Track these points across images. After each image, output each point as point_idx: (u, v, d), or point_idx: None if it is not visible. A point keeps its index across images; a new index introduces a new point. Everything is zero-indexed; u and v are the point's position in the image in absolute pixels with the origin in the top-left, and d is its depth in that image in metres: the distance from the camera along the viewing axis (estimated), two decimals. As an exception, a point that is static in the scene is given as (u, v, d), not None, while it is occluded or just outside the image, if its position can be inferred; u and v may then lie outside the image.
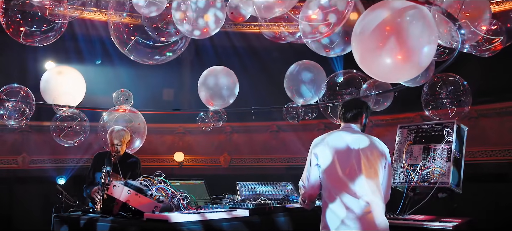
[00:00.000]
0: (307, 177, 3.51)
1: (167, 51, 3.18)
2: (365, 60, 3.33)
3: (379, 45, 3.24)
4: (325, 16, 2.84)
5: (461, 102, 4.81)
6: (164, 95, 14.66)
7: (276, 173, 10.93)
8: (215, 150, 11.69)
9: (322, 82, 6.59)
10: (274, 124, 11.58)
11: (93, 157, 5.33)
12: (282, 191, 4.80)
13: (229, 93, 6.65)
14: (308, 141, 11.44)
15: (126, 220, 3.11)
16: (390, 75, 3.32)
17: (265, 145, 11.63)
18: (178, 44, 3.21)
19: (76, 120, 6.66)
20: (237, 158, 11.66)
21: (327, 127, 11.20)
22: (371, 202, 3.28)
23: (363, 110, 3.62)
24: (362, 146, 3.42)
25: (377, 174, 3.37)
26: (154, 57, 3.25)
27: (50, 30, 3.59)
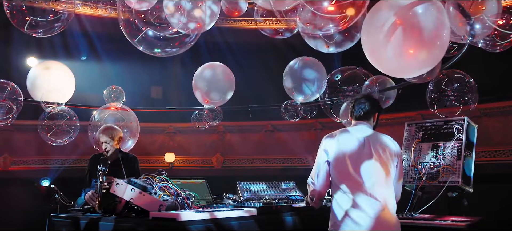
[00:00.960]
0: (317, 174, 3.55)
1: (178, 43, 3.20)
2: (376, 53, 3.38)
3: (390, 38, 3.29)
4: (343, 8, 2.88)
5: (467, 100, 4.88)
6: (152, 93, 14.64)
7: (271, 174, 10.97)
8: (208, 150, 11.70)
9: (323, 79, 6.64)
10: (269, 123, 11.61)
11: (89, 159, 5.33)
12: (285, 191, 4.84)
13: (227, 88, 6.68)
14: (304, 141, 11.53)
15: (131, 219, 3.12)
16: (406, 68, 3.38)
17: (260, 145, 11.66)
18: (190, 37, 3.23)
19: (65, 118, 6.64)
20: (230, 158, 11.68)
21: (324, 127, 11.27)
22: (384, 201, 3.32)
23: (376, 107, 3.67)
24: (374, 144, 3.46)
25: (390, 173, 3.42)
26: (165, 49, 3.25)
27: (56, 20, 3.58)
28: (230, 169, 11.47)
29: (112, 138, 4.94)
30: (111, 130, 5.00)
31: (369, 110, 3.66)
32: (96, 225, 3.18)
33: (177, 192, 3.40)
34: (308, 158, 11.44)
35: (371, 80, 6.28)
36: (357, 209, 3.34)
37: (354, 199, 3.36)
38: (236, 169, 11.33)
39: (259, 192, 4.68)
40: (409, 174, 4.18)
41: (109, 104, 6.97)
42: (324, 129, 11.28)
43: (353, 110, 3.70)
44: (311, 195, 3.62)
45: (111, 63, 12.85)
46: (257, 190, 4.75)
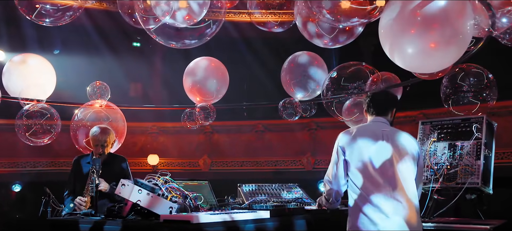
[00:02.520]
0: (334, 173, 3.60)
1: (198, 34, 3.22)
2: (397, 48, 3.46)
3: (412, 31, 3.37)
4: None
5: (485, 96, 4.98)
6: (131, 90, 14.56)
7: (262, 177, 11.00)
8: (194, 152, 11.69)
9: (324, 74, 6.71)
10: (259, 123, 11.65)
11: (72, 161, 5.33)
12: (291, 193, 4.89)
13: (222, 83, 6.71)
14: (298, 142, 11.60)
15: (140, 222, 3.12)
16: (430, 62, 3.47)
17: (250, 147, 11.69)
18: (210, 28, 3.24)
19: (46, 116, 6.58)
20: (218, 161, 11.69)
21: (319, 127, 11.37)
22: (404, 201, 3.39)
23: (394, 102, 3.75)
24: (393, 141, 3.53)
25: (411, 171, 3.49)
26: (182, 40, 3.27)
27: (67, 9, 3.56)
28: (218, 172, 11.47)
29: (108, 141, 5.00)
30: (107, 132, 5.07)
31: (386, 105, 3.74)
32: (100, 230, 3.17)
33: (185, 193, 3.42)
34: (302, 160, 11.53)
35: (376, 76, 6.37)
36: (377, 209, 3.39)
37: (373, 199, 3.41)
38: (225, 173, 11.34)
39: (270, 194, 4.72)
40: (425, 175, 4.26)
41: (93, 101, 6.92)
42: (320, 129, 11.38)
43: (370, 106, 3.76)
44: (327, 195, 3.67)
45: (86, 57, 12.76)
46: (262, 192, 4.78)
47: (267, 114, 10.91)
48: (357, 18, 3.10)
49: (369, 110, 3.77)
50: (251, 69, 11.19)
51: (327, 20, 3.17)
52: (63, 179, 11.22)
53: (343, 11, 2.97)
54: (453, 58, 3.46)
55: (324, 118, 9.10)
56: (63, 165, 11.63)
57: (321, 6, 3.04)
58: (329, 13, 3.07)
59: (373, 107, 3.74)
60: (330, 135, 11.92)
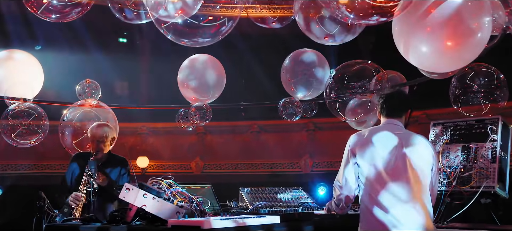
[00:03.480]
0: (345, 177, 3.63)
1: (212, 32, 3.22)
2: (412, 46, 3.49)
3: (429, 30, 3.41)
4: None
5: (496, 97, 5.04)
6: (116, 88, 14.52)
7: (257, 181, 11.03)
8: (186, 154, 11.69)
9: (326, 73, 6.75)
10: (254, 123, 11.69)
11: (72, 158, 5.29)
12: (296, 197, 4.92)
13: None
14: (295, 143, 11.64)
15: (146, 228, 3.13)
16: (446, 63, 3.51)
17: (245, 148, 11.71)
18: (225, 26, 3.25)
19: (33, 116, 6.54)
20: (211, 163, 11.70)
21: (317, 127, 11.43)
22: (420, 207, 3.43)
23: (408, 103, 3.79)
24: (408, 144, 3.56)
25: (426, 176, 3.53)
26: (194, 38, 3.28)
27: (75, 5, 3.56)
28: (211, 175, 11.49)
29: (106, 137, 4.96)
30: (105, 128, 5.02)
31: (400, 107, 3.78)
32: (103, 237, 3.18)
33: (191, 198, 3.43)
34: (300, 163, 11.57)
35: (381, 75, 6.42)
36: (389, 215, 3.42)
37: (385, 205, 3.45)
38: (218, 176, 11.36)
39: (269, 199, 4.74)
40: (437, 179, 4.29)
41: (83, 100, 6.90)
42: (318, 130, 11.43)
43: (384, 107, 3.79)
44: (337, 201, 3.69)
45: (69, 54, 12.72)
46: (265, 196, 4.81)
47: (262, 114, 10.93)
48: (377, 16, 3.13)
49: (382, 111, 3.80)
50: (248, 66, 11.22)
51: (346, 17, 3.20)
52: (47, 183, 11.21)
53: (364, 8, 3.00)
54: (471, 57, 3.51)
55: (323, 118, 9.15)
56: (47, 168, 11.59)
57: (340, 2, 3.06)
58: (349, 11, 3.09)
59: (387, 108, 3.77)
60: (329, 136, 12.04)
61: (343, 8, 3.08)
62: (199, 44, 3.44)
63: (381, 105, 3.79)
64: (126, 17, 4.70)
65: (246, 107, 9.63)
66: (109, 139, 5.01)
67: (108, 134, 5.00)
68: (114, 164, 5.06)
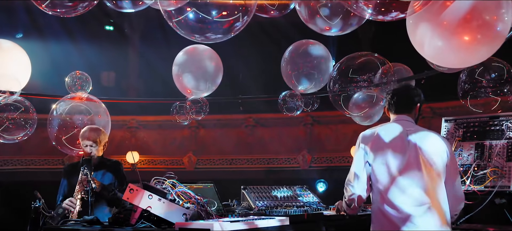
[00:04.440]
0: (356, 176, 3.65)
1: (224, 27, 3.22)
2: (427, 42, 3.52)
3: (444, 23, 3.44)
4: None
5: (506, 92, 5.08)
6: (103, 79, 14.45)
7: (253, 177, 11.07)
8: (177, 149, 11.69)
9: (329, 64, 6.78)
10: (250, 117, 11.70)
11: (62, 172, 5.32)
12: (301, 196, 4.94)
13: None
14: (293, 137, 11.65)
15: (151, 230, 3.14)
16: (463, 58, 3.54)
17: (240, 143, 11.73)
18: (240, 21, 3.24)
19: (20, 110, 6.51)
20: (204, 159, 11.71)
21: (316, 121, 11.46)
22: (434, 207, 3.46)
23: (419, 98, 3.80)
24: (420, 141, 3.58)
25: (440, 174, 3.56)
26: (206, 34, 3.27)
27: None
28: (204, 171, 11.50)
29: (99, 142, 4.98)
30: (98, 133, 5.04)
31: (410, 102, 3.80)
32: (107, 240, 3.18)
33: (197, 198, 3.44)
34: (297, 158, 11.60)
35: (386, 67, 6.43)
36: (403, 215, 3.47)
37: (399, 205, 3.48)
38: (212, 172, 11.38)
39: (273, 199, 4.76)
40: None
41: (73, 93, 6.87)
42: (316, 124, 11.46)
43: (393, 102, 3.81)
44: (348, 201, 3.70)
45: (53, 43, 12.64)
46: (268, 195, 4.82)
47: (258, 106, 10.94)
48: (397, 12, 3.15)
49: (391, 108, 3.82)
50: (244, 58, 11.21)
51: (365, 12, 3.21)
52: (31, 179, 11.16)
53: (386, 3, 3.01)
54: (490, 52, 3.54)
55: (322, 112, 9.17)
56: (31, 163, 11.55)
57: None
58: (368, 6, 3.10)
59: (396, 104, 3.79)
60: (328, 131, 12.10)
61: (361, 3, 3.10)
62: (211, 41, 3.44)
63: (389, 102, 3.81)
64: (117, 4, 4.66)
65: (242, 100, 9.60)
66: (101, 144, 5.04)
67: (101, 139, 5.04)
68: (107, 168, 5.07)
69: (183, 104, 7.29)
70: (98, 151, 5.04)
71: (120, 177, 5.07)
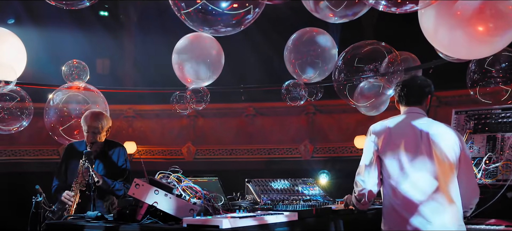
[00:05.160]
0: (367, 170, 3.66)
1: (234, 20, 3.21)
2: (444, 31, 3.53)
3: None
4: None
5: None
6: (97, 67, 14.40)
7: (254, 168, 11.09)
8: (176, 139, 11.69)
9: (333, 53, 6.79)
10: (250, 106, 11.69)
11: (64, 148, 5.28)
12: (307, 189, 4.97)
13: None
14: (294, 127, 11.65)
15: (160, 227, 3.15)
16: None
17: (240, 133, 11.74)
18: (251, 14, 3.23)
19: (16, 99, 6.51)
20: (203, 149, 11.71)
21: (317, 110, 11.47)
22: (447, 202, 3.48)
23: (429, 89, 3.81)
24: (432, 133, 3.60)
25: (453, 168, 3.57)
26: (215, 27, 3.26)
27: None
28: (204, 161, 11.51)
29: (101, 128, 4.94)
30: (100, 118, 4.98)
31: (420, 93, 3.80)
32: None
33: (204, 193, 3.46)
34: (299, 148, 11.62)
35: (393, 56, 6.44)
36: (415, 211, 3.49)
37: (411, 200, 3.51)
38: (211, 162, 11.39)
39: (279, 192, 4.78)
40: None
41: (70, 83, 6.87)
42: (319, 113, 11.47)
43: (403, 94, 3.82)
44: (358, 196, 3.72)
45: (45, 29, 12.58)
46: (273, 189, 4.84)
47: (259, 95, 10.95)
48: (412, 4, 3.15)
49: (401, 100, 3.83)
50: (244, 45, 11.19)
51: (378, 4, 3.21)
52: (23, 170, 11.16)
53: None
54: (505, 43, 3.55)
55: (324, 101, 9.17)
56: (25, 154, 11.54)
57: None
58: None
59: (406, 96, 3.80)
60: (330, 120, 12.11)
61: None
62: (220, 34, 3.44)
63: (399, 94, 3.81)
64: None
65: (243, 89, 9.58)
66: (105, 130, 4.99)
67: (104, 124, 4.99)
68: (111, 153, 5.05)
69: (183, 93, 7.30)
70: (101, 137, 5.00)
71: (123, 167, 5.06)
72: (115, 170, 4.98)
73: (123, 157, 5.14)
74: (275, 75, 9.79)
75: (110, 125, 5.10)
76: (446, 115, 5.86)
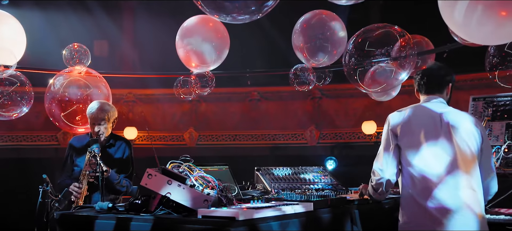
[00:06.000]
0: (385, 160, 3.68)
1: (254, 7, 3.19)
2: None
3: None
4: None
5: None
6: (95, 48, 14.34)
7: (258, 154, 11.11)
8: (178, 124, 11.70)
9: (343, 36, 6.77)
10: (254, 90, 11.69)
11: (68, 143, 5.29)
12: (318, 178, 4.98)
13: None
14: (299, 112, 11.65)
15: (174, 219, 3.15)
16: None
17: (244, 118, 11.74)
18: (270, 1, 3.21)
19: (15, 84, 6.51)
20: (206, 135, 11.71)
21: (324, 95, 11.47)
22: (470, 192, 3.50)
23: (450, 78, 3.82)
24: (453, 123, 3.61)
25: (474, 157, 3.59)
26: (233, 14, 3.24)
27: None
28: (206, 147, 11.53)
29: (108, 119, 4.94)
30: (106, 110, 4.96)
31: (441, 81, 3.82)
32: (124, 228, 3.18)
33: (218, 183, 3.46)
34: (305, 134, 11.62)
35: (405, 39, 6.42)
36: (437, 201, 3.50)
37: (431, 190, 3.52)
38: (214, 148, 11.40)
39: (289, 180, 4.79)
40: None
41: (70, 68, 6.87)
42: (325, 97, 11.47)
43: (423, 83, 3.84)
44: (376, 185, 3.74)
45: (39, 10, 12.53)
46: (284, 177, 4.86)
47: (263, 79, 10.95)
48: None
49: (420, 89, 3.85)
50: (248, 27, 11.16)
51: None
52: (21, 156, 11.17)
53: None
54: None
55: (331, 85, 9.18)
56: (23, 139, 11.55)
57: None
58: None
59: (426, 85, 3.82)
60: (337, 105, 12.11)
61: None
62: (237, 21, 3.41)
63: (419, 83, 3.83)
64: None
65: (249, 74, 9.56)
66: (111, 121, 4.97)
67: (110, 115, 4.96)
68: (116, 147, 5.06)
69: (187, 78, 7.29)
70: (107, 129, 4.99)
71: (127, 160, 5.06)
72: (120, 165, 4.97)
73: (128, 152, 5.13)
74: (280, 58, 9.78)
75: (116, 115, 5.08)
76: (457, 100, 5.86)
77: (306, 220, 3.40)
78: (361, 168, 8.70)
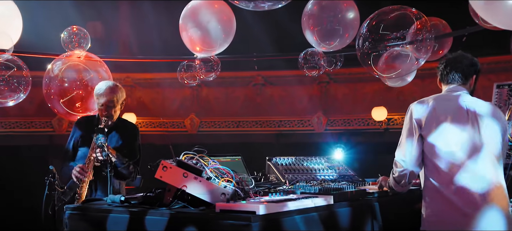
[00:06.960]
0: (409, 150, 3.69)
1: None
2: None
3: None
4: None
5: None
6: (88, 29, 14.24)
7: (263, 141, 11.12)
8: (178, 110, 11.68)
9: (356, 19, 6.76)
10: (258, 74, 11.67)
11: (74, 123, 5.23)
12: (333, 169, 4.98)
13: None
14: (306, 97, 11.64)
15: (190, 213, 3.15)
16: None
17: (248, 103, 11.73)
18: None
19: (12, 69, 6.50)
20: (208, 121, 11.71)
21: (331, 79, 11.47)
22: (495, 184, 3.52)
23: (475, 68, 3.83)
24: (477, 113, 3.63)
25: (498, 148, 3.61)
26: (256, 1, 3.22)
27: None
28: (208, 134, 11.53)
29: (117, 101, 4.87)
30: (116, 90, 4.89)
31: (466, 71, 3.82)
32: (140, 223, 3.19)
33: (234, 175, 3.46)
34: (311, 120, 11.62)
35: (422, 22, 6.40)
36: (463, 192, 3.53)
37: (457, 182, 3.54)
38: (217, 135, 11.40)
39: (303, 171, 4.80)
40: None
41: (69, 51, 6.85)
42: (333, 82, 11.46)
43: (445, 73, 3.84)
44: (398, 177, 3.76)
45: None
46: (298, 168, 4.86)
47: (268, 63, 10.91)
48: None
49: (443, 78, 3.85)
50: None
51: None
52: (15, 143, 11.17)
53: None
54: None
55: (339, 68, 9.19)
56: (16, 126, 11.54)
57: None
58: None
59: (449, 75, 3.82)
60: (345, 90, 12.10)
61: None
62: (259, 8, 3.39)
63: (442, 72, 3.84)
64: None
65: (256, 58, 9.50)
66: (119, 102, 4.91)
67: (119, 97, 4.88)
68: (123, 131, 5.01)
69: (191, 63, 7.28)
70: (116, 111, 4.94)
71: (134, 147, 5.04)
72: (127, 151, 4.92)
73: (136, 138, 5.10)
74: (286, 41, 9.75)
75: (124, 97, 4.99)
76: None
77: (328, 213, 3.41)
78: (370, 156, 8.72)
